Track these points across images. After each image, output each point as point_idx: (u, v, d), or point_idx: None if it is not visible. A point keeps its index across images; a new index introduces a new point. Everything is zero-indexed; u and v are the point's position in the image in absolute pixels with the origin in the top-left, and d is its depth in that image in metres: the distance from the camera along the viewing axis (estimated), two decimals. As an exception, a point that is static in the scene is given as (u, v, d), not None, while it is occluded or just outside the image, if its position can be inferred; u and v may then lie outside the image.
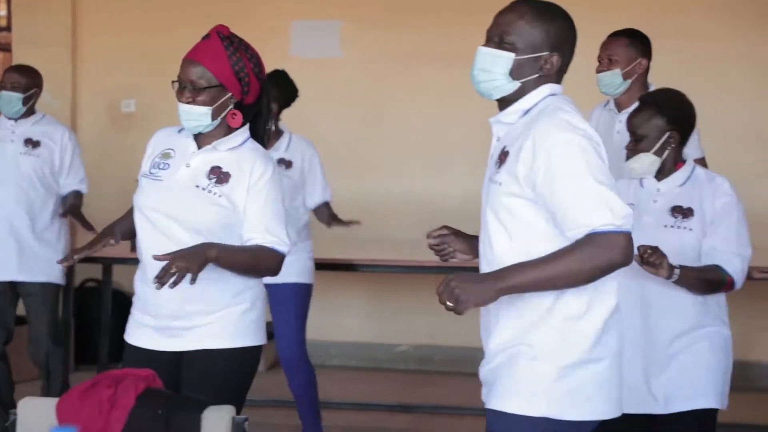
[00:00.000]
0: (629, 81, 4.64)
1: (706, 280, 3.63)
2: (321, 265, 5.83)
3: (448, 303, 2.61)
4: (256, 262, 3.30)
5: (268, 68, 3.46)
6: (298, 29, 7.27)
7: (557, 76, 2.80)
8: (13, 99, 5.39)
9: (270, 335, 6.92)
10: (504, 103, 2.81)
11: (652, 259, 3.46)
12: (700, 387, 3.68)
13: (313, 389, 5.32)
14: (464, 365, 6.33)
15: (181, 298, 3.20)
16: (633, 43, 4.66)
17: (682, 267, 3.57)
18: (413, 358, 7.24)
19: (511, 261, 2.71)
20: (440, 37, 6.74)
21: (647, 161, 3.70)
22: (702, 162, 4.61)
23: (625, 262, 2.60)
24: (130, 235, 3.46)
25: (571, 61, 2.82)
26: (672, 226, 3.68)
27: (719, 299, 3.77)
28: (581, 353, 2.72)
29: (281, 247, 3.31)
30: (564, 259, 2.61)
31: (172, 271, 3.06)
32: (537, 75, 2.76)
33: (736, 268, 3.64)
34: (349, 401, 6.31)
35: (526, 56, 2.75)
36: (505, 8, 2.79)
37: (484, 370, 2.85)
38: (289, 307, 5.24)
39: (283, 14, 7.26)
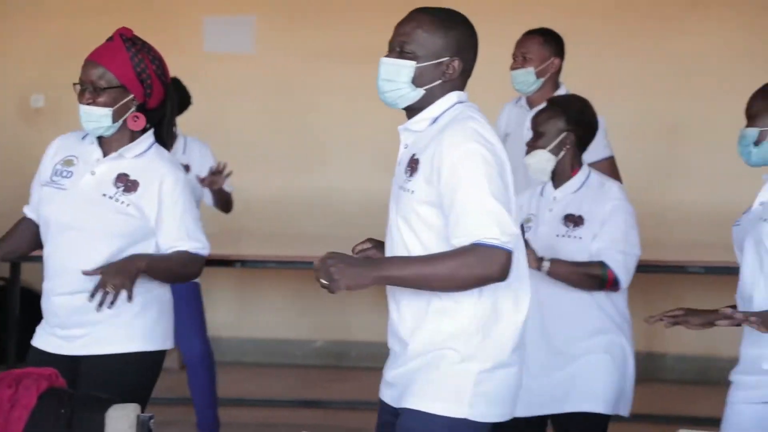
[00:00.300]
0: (542, 79, 4.70)
1: (584, 274, 3.69)
2: (238, 262, 5.82)
3: (322, 280, 2.63)
4: (182, 268, 3.32)
5: (184, 65, 3.46)
6: (211, 25, 7.23)
7: (461, 81, 2.83)
8: None
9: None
10: (412, 111, 2.83)
11: None
12: (588, 391, 3.73)
13: (213, 385, 5.30)
14: (381, 360, 6.29)
15: (84, 307, 3.17)
16: (547, 42, 4.72)
17: (554, 259, 3.66)
18: (330, 353, 7.25)
19: None
20: (354, 33, 6.73)
21: (543, 158, 3.77)
22: (611, 161, 4.69)
23: (500, 278, 2.65)
24: (17, 252, 3.45)
25: (474, 65, 2.85)
26: (563, 236, 3.77)
27: (618, 306, 3.82)
28: (502, 356, 2.77)
29: (203, 251, 3.33)
30: (445, 261, 2.64)
31: (107, 289, 3.06)
32: (440, 81, 2.79)
33: (618, 263, 3.70)
34: (265, 398, 6.29)
35: (427, 63, 2.77)
36: (404, 18, 2.82)
37: (398, 372, 2.85)
38: (180, 307, 5.20)
39: (195, 10, 7.21)
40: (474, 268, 2.63)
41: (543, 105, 3.94)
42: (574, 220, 3.76)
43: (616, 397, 3.76)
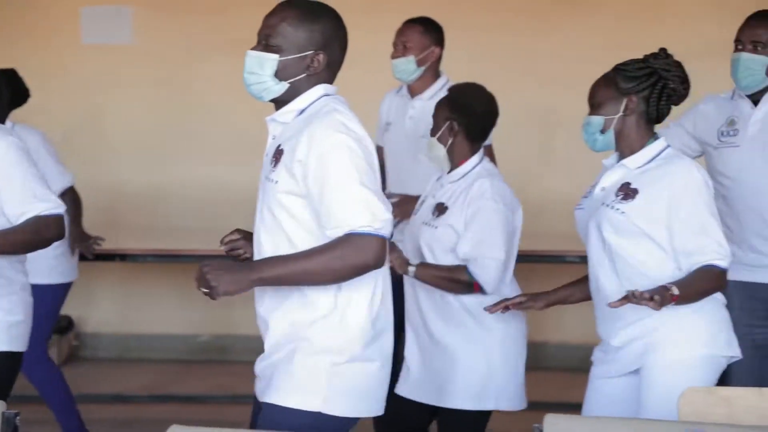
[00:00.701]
0: (423, 68, 4.76)
1: (450, 279, 3.74)
2: (117, 257, 5.76)
3: (202, 289, 2.66)
4: (38, 235, 3.30)
5: (62, 57, 3.42)
6: (87, 16, 7.11)
7: (328, 75, 2.85)
8: None
9: (65, 329, 6.84)
10: (279, 103, 2.85)
11: None
12: (456, 388, 3.78)
13: (59, 385, 5.04)
14: (266, 354, 6.35)
15: None
16: (427, 31, 4.78)
17: (422, 264, 3.71)
18: (214, 348, 7.20)
19: (288, 252, 2.75)
20: (235, 24, 6.67)
21: (431, 146, 3.84)
22: (489, 150, 4.76)
23: (377, 265, 2.68)
24: None
25: (343, 58, 2.87)
26: (426, 223, 3.83)
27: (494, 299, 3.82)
28: (357, 350, 2.78)
29: (57, 209, 3.32)
30: (320, 256, 2.66)
31: None
32: (305, 74, 2.81)
33: (482, 269, 3.74)
34: (148, 393, 6.25)
35: (290, 57, 2.79)
36: (271, 11, 2.83)
37: (263, 365, 2.88)
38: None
39: (72, 1, 7.07)
40: (349, 258, 2.65)
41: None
42: (440, 209, 3.80)
43: (486, 393, 3.80)
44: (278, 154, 2.78)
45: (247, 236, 3.01)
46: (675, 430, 1.60)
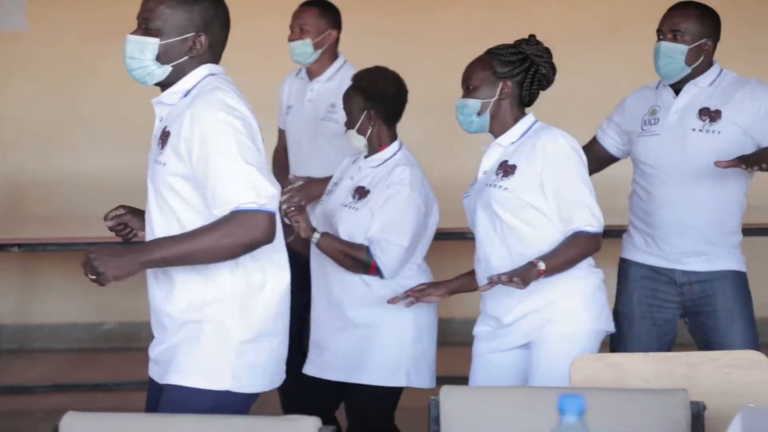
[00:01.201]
0: (320, 51, 4.75)
1: (348, 256, 3.78)
2: (15, 246, 5.70)
3: (90, 276, 2.66)
4: None
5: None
6: (-20, 3, 7.01)
7: (211, 55, 2.84)
8: None
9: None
10: (164, 86, 2.84)
11: (290, 215, 3.62)
12: (363, 364, 3.85)
13: None
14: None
15: None
16: (323, 14, 4.76)
17: (325, 233, 3.75)
18: (119, 336, 7.15)
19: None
20: (128, 10, 6.63)
21: (351, 138, 3.88)
22: None
23: (266, 240, 2.68)
24: None
25: (226, 37, 2.87)
26: (346, 205, 3.86)
27: (418, 281, 3.88)
28: (261, 327, 2.82)
29: None
30: (207, 235, 2.67)
31: None
32: (187, 57, 2.80)
33: (383, 254, 3.77)
34: (51, 383, 6.18)
35: (171, 40, 2.78)
36: None
37: (160, 348, 2.89)
38: None
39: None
40: (237, 235, 2.65)
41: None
42: (360, 193, 3.84)
43: (398, 369, 3.85)
44: (165, 136, 2.77)
45: (134, 212, 3.00)
46: (556, 395, 1.67)
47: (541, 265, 3.25)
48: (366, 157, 3.91)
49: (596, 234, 3.36)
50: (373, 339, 3.83)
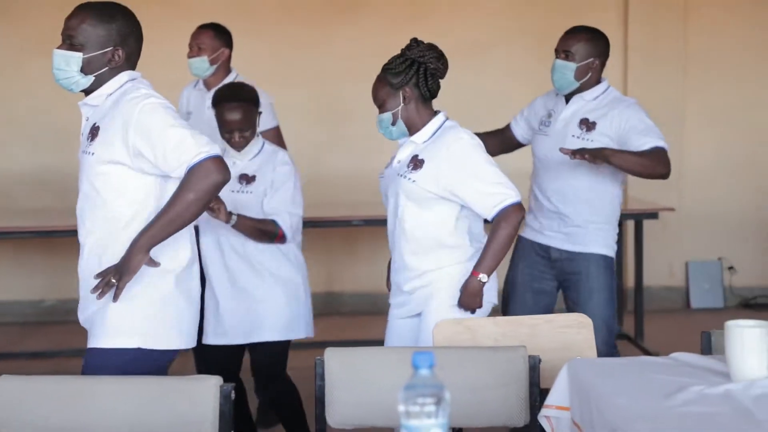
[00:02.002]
0: (215, 66, 4.80)
1: (260, 230, 3.82)
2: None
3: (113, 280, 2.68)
4: None
5: None
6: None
7: (129, 65, 2.84)
8: None
9: None
10: (88, 92, 2.83)
11: (211, 205, 3.59)
12: (267, 324, 3.88)
13: None
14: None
15: None
16: (218, 35, 4.86)
17: (240, 215, 3.75)
18: (60, 311, 6.98)
19: (106, 220, 2.75)
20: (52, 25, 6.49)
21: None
22: (277, 130, 4.86)
23: (226, 177, 2.70)
24: None
25: (140, 48, 2.86)
26: (237, 191, 3.88)
27: (297, 254, 3.95)
28: (167, 291, 2.80)
29: None
30: (177, 199, 2.67)
31: None
32: (107, 68, 2.79)
33: (285, 222, 3.84)
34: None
35: (93, 54, 2.76)
36: (71, 12, 2.80)
37: (85, 316, 2.87)
38: None
39: None
40: (199, 186, 2.66)
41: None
42: (246, 179, 3.87)
43: (289, 326, 3.91)
44: (94, 130, 2.76)
45: None
46: (403, 355, 1.71)
47: (483, 278, 3.28)
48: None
49: (516, 203, 3.29)
50: (266, 302, 3.88)
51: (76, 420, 2.30)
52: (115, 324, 2.76)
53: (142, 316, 2.77)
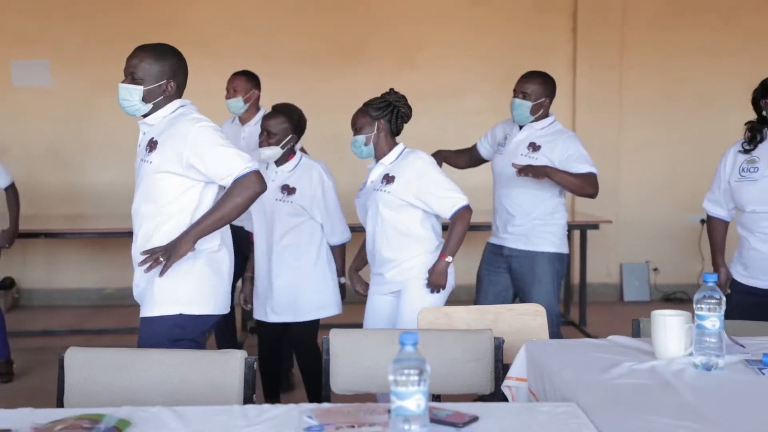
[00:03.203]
0: (247, 105, 4.76)
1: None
2: (47, 234, 5.49)
3: (161, 259, 2.68)
4: None
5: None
6: (17, 67, 6.76)
7: (179, 93, 2.84)
8: None
9: (9, 286, 6.48)
10: (146, 115, 2.83)
11: None
12: (303, 303, 3.78)
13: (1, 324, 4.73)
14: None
15: None
16: (249, 80, 4.81)
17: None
18: (118, 297, 6.93)
19: (155, 215, 2.75)
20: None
21: (273, 152, 3.73)
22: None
23: (262, 188, 2.72)
24: None
25: (186, 81, 2.86)
26: (280, 200, 3.75)
27: (328, 250, 3.80)
28: (201, 269, 2.79)
29: None
30: (225, 203, 2.69)
31: None
32: (162, 97, 2.80)
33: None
34: (68, 329, 5.96)
35: (150, 86, 2.77)
36: (131, 53, 2.80)
37: (136, 293, 2.87)
38: None
39: (4, 57, 6.73)
40: (244, 194, 2.68)
41: (270, 113, 3.89)
42: (288, 190, 3.76)
43: (324, 305, 3.80)
44: (152, 143, 2.75)
45: None
46: (392, 335, 1.69)
47: (449, 259, 3.34)
48: (278, 165, 3.79)
49: (466, 206, 3.40)
50: (305, 286, 3.76)
51: (130, 384, 2.28)
52: (160, 296, 2.75)
53: (182, 288, 2.76)
